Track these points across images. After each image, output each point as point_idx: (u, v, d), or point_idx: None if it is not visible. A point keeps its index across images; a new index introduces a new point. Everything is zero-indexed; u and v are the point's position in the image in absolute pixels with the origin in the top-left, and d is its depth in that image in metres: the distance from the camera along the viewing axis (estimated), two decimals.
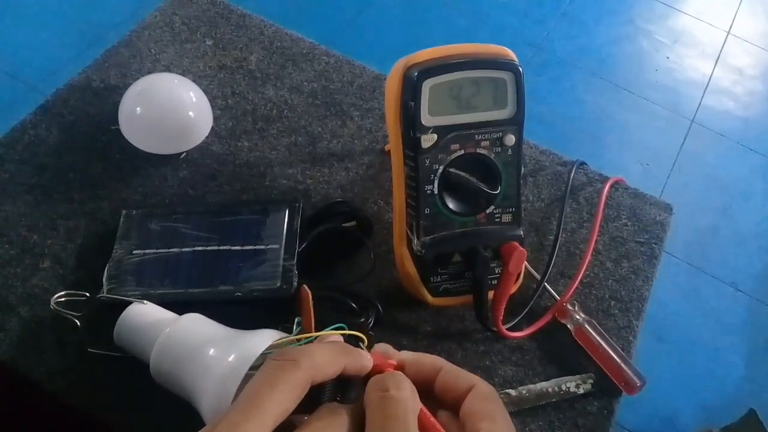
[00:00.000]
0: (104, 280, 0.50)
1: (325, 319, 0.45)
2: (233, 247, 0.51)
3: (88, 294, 0.50)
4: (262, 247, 0.51)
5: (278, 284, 0.49)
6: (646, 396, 0.50)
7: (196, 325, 0.44)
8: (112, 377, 0.48)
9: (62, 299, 0.49)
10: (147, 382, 0.43)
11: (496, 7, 2.05)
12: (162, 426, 0.46)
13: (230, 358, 0.40)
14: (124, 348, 0.46)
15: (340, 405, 0.32)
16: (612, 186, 0.61)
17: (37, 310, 0.51)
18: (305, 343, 0.44)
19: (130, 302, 0.47)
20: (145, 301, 0.47)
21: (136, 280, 0.50)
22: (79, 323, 0.48)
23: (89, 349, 0.47)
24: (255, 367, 0.42)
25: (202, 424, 0.41)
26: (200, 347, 0.42)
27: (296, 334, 0.44)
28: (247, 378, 0.39)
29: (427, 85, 0.45)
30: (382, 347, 0.36)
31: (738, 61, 2.02)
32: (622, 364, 0.50)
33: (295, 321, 0.45)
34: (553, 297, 0.53)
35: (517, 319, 0.52)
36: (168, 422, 0.46)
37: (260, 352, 0.40)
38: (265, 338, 0.41)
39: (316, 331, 0.44)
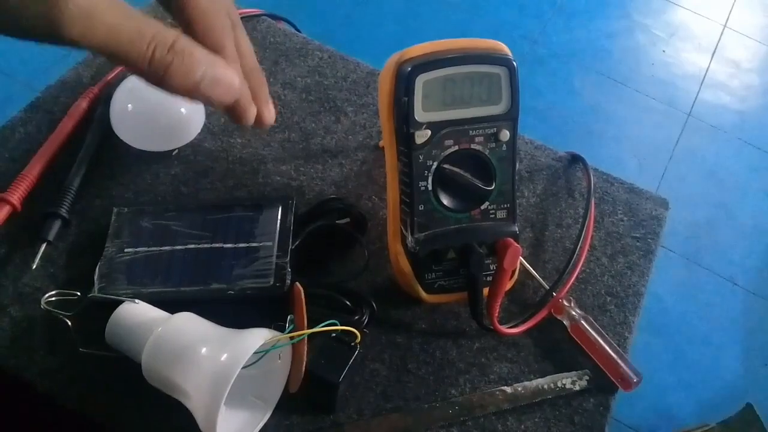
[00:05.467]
0: (95, 278, 0.49)
1: (318, 316, 0.45)
2: (226, 245, 0.51)
3: (79, 293, 0.49)
4: (255, 244, 0.51)
5: (271, 282, 0.49)
6: (642, 391, 0.50)
7: (188, 324, 0.44)
8: (103, 377, 0.47)
9: (53, 299, 0.48)
10: (139, 382, 0.43)
11: (490, 1, 2.05)
12: (154, 426, 0.46)
13: (222, 358, 0.40)
14: (115, 348, 0.45)
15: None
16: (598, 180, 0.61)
17: (29, 310, 0.50)
18: (298, 341, 0.44)
19: (122, 301, 0.46)
20: (136, 300, 0.47)
21: (127, 278, 0.50)
22: (70, 323, 0.47)
23: (80, 349, 0.46)
24: (247, 367, 0.41)
25: (194, 424, 0.41)
26: (192, 346, 0.41)
27: (288, 332, 0.43)
28: (239, 378, 0.39)
29: (420, 81, 0.45)
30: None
31: (734, 54, 2.02)
32: (618, 360, 0.50)
33: (288, 319, 0.44)
34: (549, 293, 0.53)
35: (517, 322, 0.51)
36: (160, 422, 0.46)
37: (252, 351, 0.40)
38: (257, 337, 0.41)
39: (308, 329, 0.44)
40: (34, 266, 0.52)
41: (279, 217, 0.52)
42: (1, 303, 0.51)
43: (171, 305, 0.46)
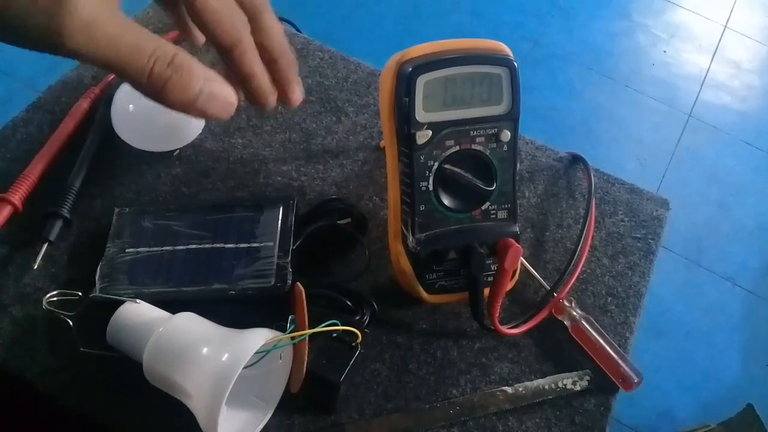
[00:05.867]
0: (97, 278, 0.49)
1: (319, 317, 0.45)
2: (227, 245, 0.51)
3: (80, 293, 0.49)
4: (256, 245, 0.51)
5: (272, 282, 0.49)
6: (643, 391, 0.50)
7: (189, 324, 0.44)
8: (105, 377, 0.47)
9: (54, 299, 0.48)
10: (140, 382, 0.43)
11: (491, 2, 2.05)
12: (155, 426, 0.46)
13: (224, 358, 0.40)
14: (117, 347, 0.45)
15: None
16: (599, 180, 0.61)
17: (30, 310, 0.50)
18: (299, 341, 0.44)
19: (123, 301, 0.46)
20: (138, 300, 0.47)
21: (129, 278, 0.50)
22: (71, 323, 0.47)
23: (82, 349, 0.47)
24: (249, 367, 0.41)
25: (196, 424, 0.41)
26: (193, 346, 0.41)
27: (289, 332, 0.43)
28: (240, 378, 0.39)
29: (421, 81, 0.45)
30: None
31: (735, 55, 2.02)
32: (619, 361, 0.50)
33: (289, 319, 0.44)
34: (550, 293, 0.53)
35: (518, 322, 0.51)
36: (161, 422, 0.46)
37: (254, 351, 0.40)
38: (258, 337, 0.41)
39: (309, 329, 0.44)
40: (36, 266, 0.52)
41: (280, 217, 0.52)
42: (3, 303, 0.51)
43: (172, 305, 0.46)
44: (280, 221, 0.52)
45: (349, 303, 0.49)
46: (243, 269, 0.50)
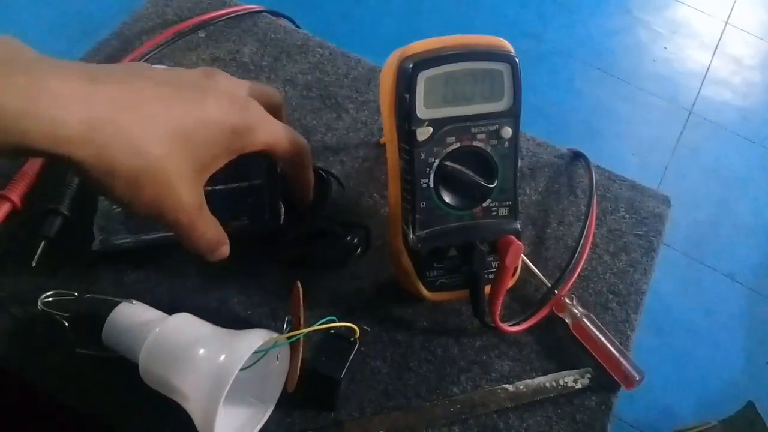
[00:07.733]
0: (95, 232, 0.49)
1: (318, 315, 0.45)
2: (217, 187, 0.50)
3: (76, 293, 0.49)
4: (247, 183, 0.51)
5: (266, 217, 0.49)
6: (644, 389, 0.50)
7: (186, 324, 0.43)
8: (102, 377, 0.47)
9: (50, 299, 0.48)
10: (136, 382, 0.43)
11: None
12: (151, 426, 0.46)
13: (220, 359, 0.39)
14: (113, 348, 0.45)
15: None
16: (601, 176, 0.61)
17: (28, 308, 0.50)
18: (295, 341, 0.44)
19: (119, 302, 0.46)
20: (133, 301, 0.46)
21: (126, 227, 0.49)
22: (66, 324, 0.47)
23: (77, 350, 0.46)
24: (246, 368, 0.41)
25: (192, 425, 0.41)
26: (190, 347, 0.41)
27: (286, 333, 0.43)
28: (237, 379, 0.38)
29: (422, 77, 0.45)
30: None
31: (736, 51, 2.02)
32: (621, 359, 0.50)
33: (286, 320, 0.44)
34: (551, 291, 0.53)
35: (519, 319, 0.51)
36: (160, 421, 0.45)
37: (251, 352, 0.40)
38: (255, 338, 0.41)
39: (306, 328, 0.44)
40: (34, 264, 0.51)
41: (267, 160, 0.52)
42: (1, 301, 0.50)
43: (171, 254, 0.47)
44: (267, 162, 0.52)
45: (340, 231, 0.50)
46: (236, 208, 0.50)
